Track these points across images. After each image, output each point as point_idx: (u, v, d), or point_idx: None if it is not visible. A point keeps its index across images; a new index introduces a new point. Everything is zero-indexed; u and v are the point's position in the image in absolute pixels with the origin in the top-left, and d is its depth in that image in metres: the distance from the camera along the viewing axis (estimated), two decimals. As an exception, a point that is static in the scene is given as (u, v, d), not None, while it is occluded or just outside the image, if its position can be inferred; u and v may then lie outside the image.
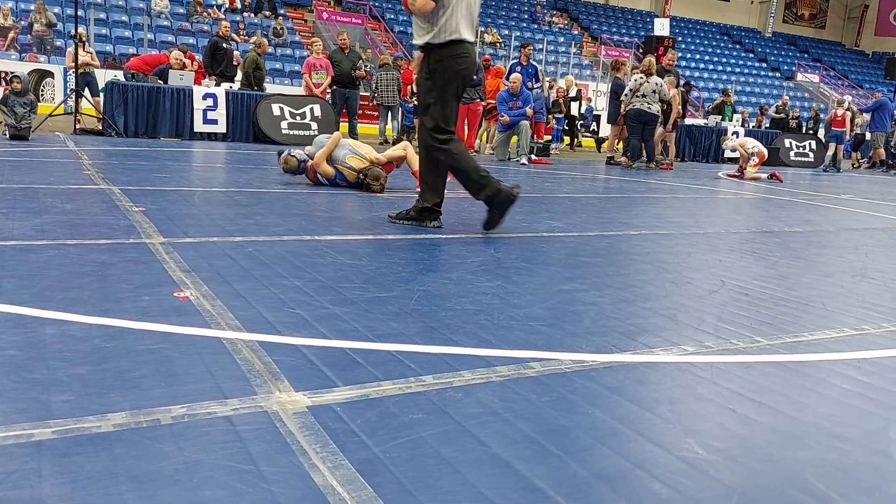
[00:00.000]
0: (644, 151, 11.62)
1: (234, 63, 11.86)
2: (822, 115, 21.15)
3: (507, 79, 12.00)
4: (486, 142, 12.95)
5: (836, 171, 15.32)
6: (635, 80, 11.30)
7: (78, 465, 1.36)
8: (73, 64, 11.00)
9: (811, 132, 18.88)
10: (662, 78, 11.64)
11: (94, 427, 1.52)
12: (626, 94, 11.43)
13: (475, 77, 11.93)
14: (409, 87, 13.31)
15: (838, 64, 33.54)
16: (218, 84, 11.18)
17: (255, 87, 11.81)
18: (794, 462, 1.57)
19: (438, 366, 2.00)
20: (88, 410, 1.59)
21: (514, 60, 12.60)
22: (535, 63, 12.84)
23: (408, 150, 6.17)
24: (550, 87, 12.77)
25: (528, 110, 11.01)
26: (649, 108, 11.28)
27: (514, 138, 11.37)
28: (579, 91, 17.79)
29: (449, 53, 4.12)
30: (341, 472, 1.40)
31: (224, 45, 11.70)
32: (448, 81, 4.16)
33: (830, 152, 15.76)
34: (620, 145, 12.30)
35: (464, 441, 1.56)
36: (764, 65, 31.28)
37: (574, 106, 16.69)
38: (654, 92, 11.24)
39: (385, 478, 1.39)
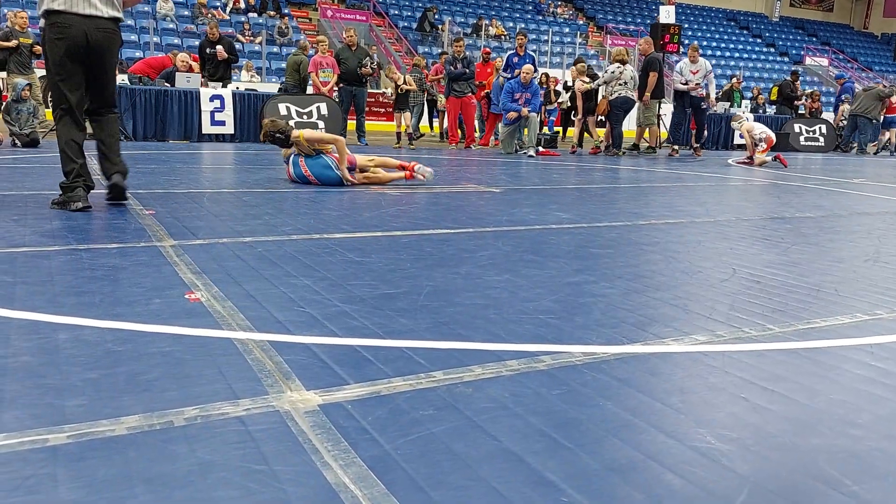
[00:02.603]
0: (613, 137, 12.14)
1: (219, 59, 11.64)
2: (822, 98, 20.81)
3: (505, 70, 12.02)
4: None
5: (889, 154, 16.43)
6: (613, 71, 11.64)
7: (92, 468, 1.37)
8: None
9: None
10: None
11: (108, 431, 1.53)
12: (604, 84, 11.82)
13: (466, 70, 11.99)
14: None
15: (847, 47, 33.23)
16: (205, 85, 11.11)
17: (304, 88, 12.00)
18: (807, 449, 1.56)
19: (448, 361, 2.00)
20: (102, 414, 1.60)
21: (511, 51, 12.54)
22: (531, 53, 12.82)
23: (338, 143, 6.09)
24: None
25: (524, 110, 10.94)
26: (632, 94, 11.74)
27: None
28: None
29: (49, 23, 4.18)
30: (353, 469, 1.40)
31: (208, 48, 11.58)
32: (50, 53, 4.19)
33: (887, 137, 17.02)
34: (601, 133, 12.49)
35: (475, 436, 1.56)
36: (772, 50, 31.01)
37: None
38: (632, 79, 11.72)
39: (397, 474, 1.39)
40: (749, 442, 1.59)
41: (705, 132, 13.20)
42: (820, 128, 16.76)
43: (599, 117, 12.87)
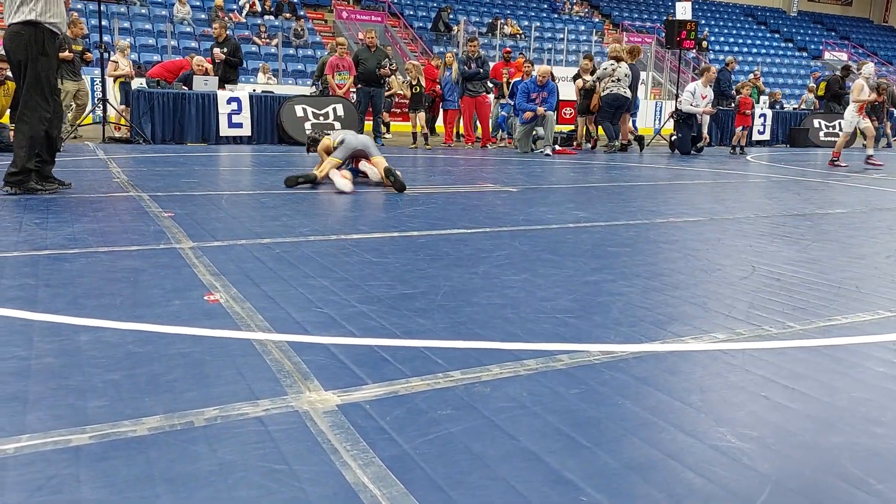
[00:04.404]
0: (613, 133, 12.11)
1: (217, 61, 11.64)
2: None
3: (511, 97, 12.15)
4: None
5: None
6: (606, 67, 11.65)
7: (115, 469, 1.39)
8: (112, 74, 11.19)
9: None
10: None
11: (130, 431, 1.54)
12: (596, 80, 11.80)
13: (480, 70, 11.97)
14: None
15: (867, 41, 32.81)
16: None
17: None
18: (829, 448, 1.55)
19: (466, 361, 2.00)
20: (123, 415, 1.62)
21: (519, 80, 12.49)
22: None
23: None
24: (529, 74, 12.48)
25: (540, 109, 10.91)
26: (624, 92, 11.69)
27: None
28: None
29: None
30: (372, 469, 1.41)
31: (215, 48, 11.59)
32: None
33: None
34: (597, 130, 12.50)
35: (493, 436, 1.56)
36: (790, 45, 30.69)
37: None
38: (626, 76, 11.65)
39: (416, 474, 1.40)
40: (770, 440, 1.57)
41: (705, 138, 13.00)
42: (839, 123, 16.56)
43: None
